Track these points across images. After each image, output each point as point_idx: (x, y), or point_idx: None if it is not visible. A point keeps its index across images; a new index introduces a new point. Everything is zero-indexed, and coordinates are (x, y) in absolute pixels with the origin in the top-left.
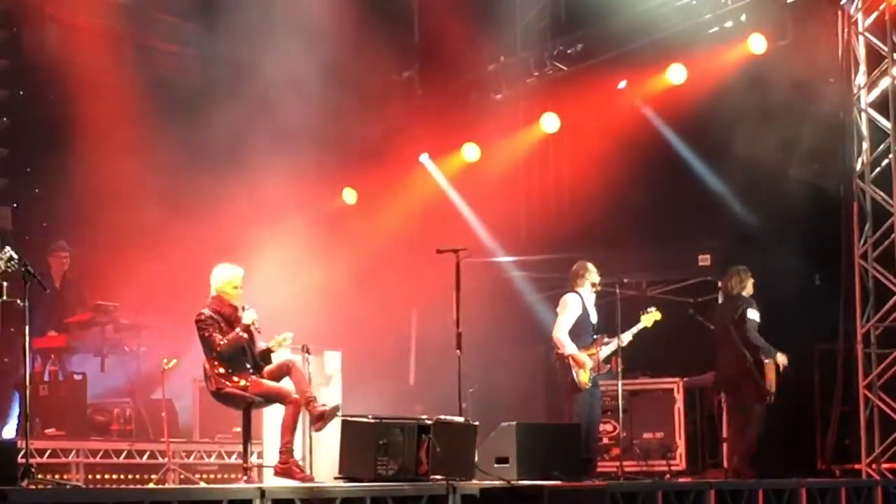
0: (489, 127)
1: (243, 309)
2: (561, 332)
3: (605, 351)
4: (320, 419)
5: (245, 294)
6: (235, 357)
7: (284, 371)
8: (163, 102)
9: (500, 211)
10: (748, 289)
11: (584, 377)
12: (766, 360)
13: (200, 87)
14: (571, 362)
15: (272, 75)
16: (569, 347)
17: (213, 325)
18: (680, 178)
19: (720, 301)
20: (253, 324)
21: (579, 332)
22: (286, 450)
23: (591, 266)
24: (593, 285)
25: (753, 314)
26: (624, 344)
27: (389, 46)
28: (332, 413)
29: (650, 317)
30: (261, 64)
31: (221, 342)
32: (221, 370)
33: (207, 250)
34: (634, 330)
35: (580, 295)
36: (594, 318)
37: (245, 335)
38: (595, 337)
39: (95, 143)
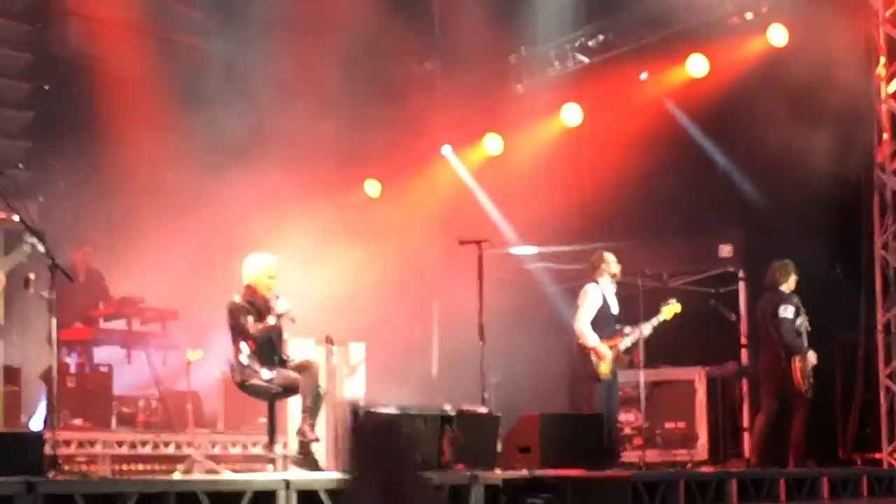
0: (511, 118)
1: (276, 298)
2: (582, 323)
3: (625, 342)
4: (299, 455)
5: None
6: (262, 348)
7: (304, 368)
8: (185, 96)
9: (523, 202)
10: (788, 284)
11: (604, 368)
12: (795, 357)
13: (222, 80)
14: (592, 354)
15: (294, 68)
16: (591, 339)
17: (245, 313)
18: (701, 170)
19: (764, 293)
20: (287, 313)
21: (600, 324)
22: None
23: (610, 257)
24: (613, 276)
25: (785, 311)
26: (645, 335)
27: (410, 37)
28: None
29: (670, 308)
30: (282, 57)
31: (254, 328)
32: (247, 361)
33: (231, 243)
34: (654, 322)
35: (600, 286)
36: (615, 310)
37: (278, 323)
38: (616, 328)
39: (119, 136)
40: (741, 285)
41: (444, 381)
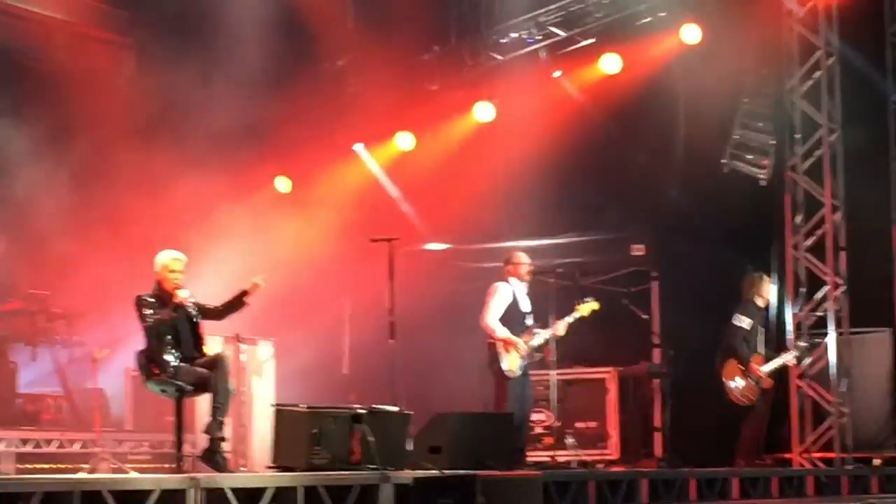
0: (424, 116)
1: (177, 287)
2: (490, 319)
3: (537, 340)
4: (208, 454)
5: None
6: (167, 342)
7: (213, 364)
8: (98, 90)
9: (436, 200)
10: (757, 296)
11: (512, 364)
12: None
13: (134, 76)
14: (500, 348)
15: (205, 65)
16: (500, 332)
17: (145, 305)
18: (615, 168)
19: None
20: (186, 300)
21: (510, 321)
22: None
23: (521, 255)
24: (523, 274)
25: (738, 320)
26: (560, 333)
27: (323, 35)
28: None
29: (587, 306)
30: (193, 53)
31: (150, 318)
32: (154, 359)
33: (142, 241)
34: (570, 319)
35: (510, 283)
36: (526, 308)
37: (175, 314)
38: (527, 325)
39: (30, 129)
40: (653, 285)
41: (356, 380)
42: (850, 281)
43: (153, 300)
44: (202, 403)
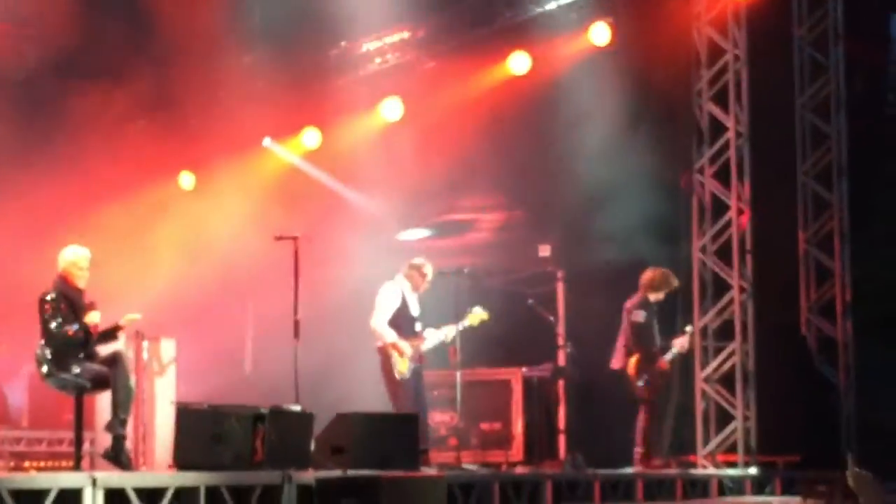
0: (331, 111)
1: (90, 307)
2: (377, 323)
3: (427, 344)
4: (110, 452)
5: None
6: (69, 343)
7: (113, 361)
8: None
9: (343, 197)
10: (651, 290)
11: (402, 366)
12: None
13: (35, 67)
14: (391, 350)
15: (109, 56)
16: (388, 335)
17: (53, 308)
18: (521, 170)
19: None
20: (95, 326)
21: (399, 324)
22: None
23: (427, 267)
24: (419, 283)
25: (636, 315)
26: (448, 340)
27: (229, 30)
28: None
29: (477, 315)
30: (96, 45)
31: (57, 331)
32: (53, 355)
33: (43, 235)
34: (459, 327)
35: (398, 285)
36: (415, 311)
37: (81, 333)
38: (417, 330)
39: None
40: (559, 286)
41: (258, 379)
42: (755, 285)
43: (61, 300)
44: (102, 400)
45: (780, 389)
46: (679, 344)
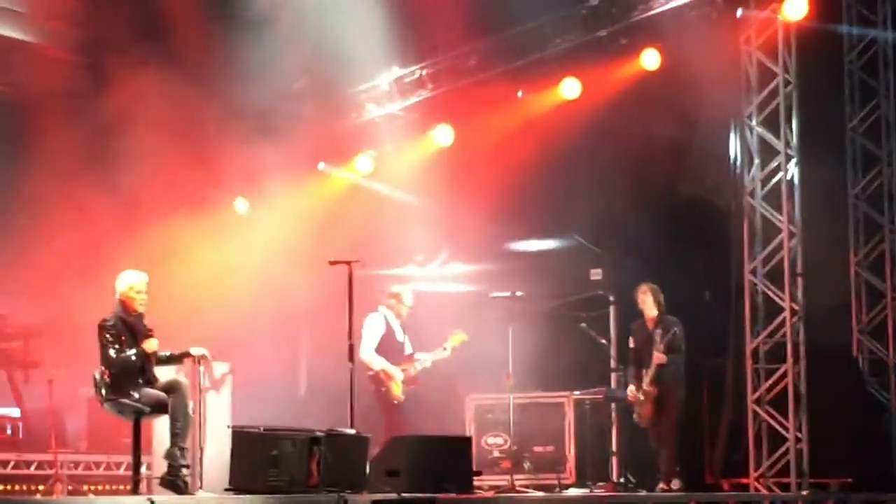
0: (383, 138)
1: (149, 335)
2: (365, 352)
3: (416, 366)
4: (168, 477)
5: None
6: (127, 370)
7: (172, 388)
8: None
9: (395, 224)
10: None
11: (396, 390)
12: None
13: (86, 92)
14: (383, 376)
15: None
16: (377, 363)
17: (112, 335)
18: (573, 193)
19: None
20: (154, 353)
21: (387, 351)
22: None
23: (405, 294)
24: (401, 312)
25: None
26: (428, 365)
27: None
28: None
29: (457, 337)
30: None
31: (116, 357)
32: (112, 380)
33: (97, 260)
34: (439, 352)
35: (384, 315)
36: (400, 337)
37: (138, 361)
38: (406, 354)
39: None
40: (611, 309)
41: (313, 403)
42: (806, 307)
43: (119, 326)
44: (159, 424)
45: (831, 411)
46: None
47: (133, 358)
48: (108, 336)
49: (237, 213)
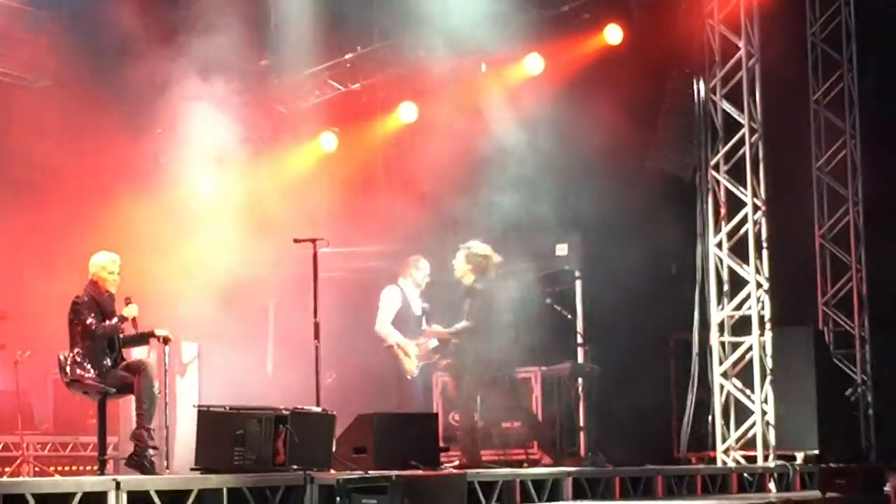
0: (348, 115)
1: (127, 301)
2: (381, 325)
3: (433, 341)
4: (134, 458)
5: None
6: (98, 347)
7: (138, 369)
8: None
9: (360, 200)
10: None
11: (410, 365)
12: None
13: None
14: (397, 350)
15: (122, 58)
16: (392, 336)
17: (88, 310)
18: (537, 168)
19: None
20: (133, 319)
21: (403, 325)
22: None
23: (420, 262)
24: (419, 281)
25: None
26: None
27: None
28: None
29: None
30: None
31: (99, 327)
32: (81, 357)
33: (64, 242)
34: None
35: (401, 287)
36: (417, 311)
37: (122, 326)
38: (422, 328)
39: None
40: (577, 284)
41: (279, 381)
42: (772, 280)
43: (93, 303)
44: (126, 405)
45: (797, 384)
46: None
47: (113, 323)
48: (84, 310)
49: (201, 192)
